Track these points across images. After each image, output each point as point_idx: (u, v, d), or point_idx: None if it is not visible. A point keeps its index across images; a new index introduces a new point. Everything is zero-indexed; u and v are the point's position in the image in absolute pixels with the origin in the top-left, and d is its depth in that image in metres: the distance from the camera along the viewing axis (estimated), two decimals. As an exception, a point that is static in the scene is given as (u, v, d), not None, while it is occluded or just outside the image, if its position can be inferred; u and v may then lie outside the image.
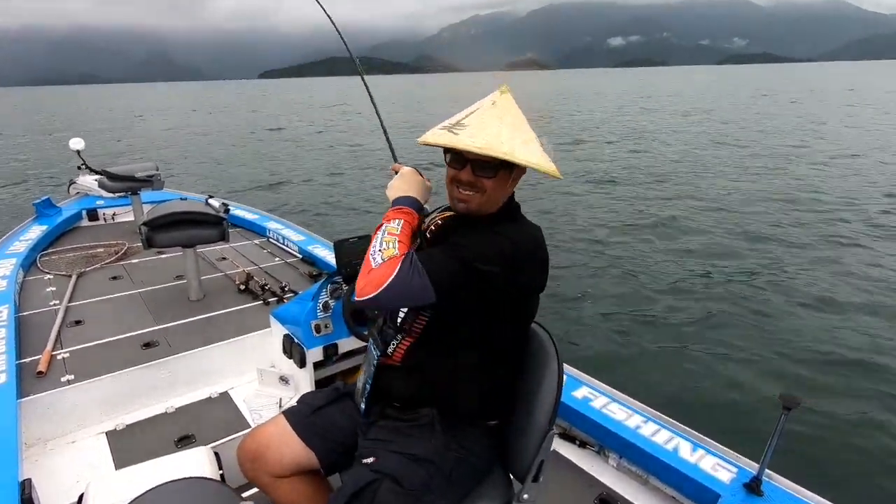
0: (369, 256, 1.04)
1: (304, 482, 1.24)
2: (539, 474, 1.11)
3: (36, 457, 1.77)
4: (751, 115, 23.48)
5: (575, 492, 1.70)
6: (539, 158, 1.08)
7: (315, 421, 1.25)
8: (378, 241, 1.07)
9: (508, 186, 1.14)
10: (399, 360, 1.17)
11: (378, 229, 1.11)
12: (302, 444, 1.22)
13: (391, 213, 1.15)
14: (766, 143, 15.09)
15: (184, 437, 1.86)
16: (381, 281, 0.99)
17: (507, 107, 1.12)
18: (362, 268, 1.04)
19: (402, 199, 1.18)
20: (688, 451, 1.65)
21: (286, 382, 2.12)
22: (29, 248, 3.36)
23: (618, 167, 12.34)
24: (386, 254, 1.03)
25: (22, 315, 2.57)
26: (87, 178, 4.66)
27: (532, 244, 1.12)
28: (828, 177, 10.98)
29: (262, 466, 1.22)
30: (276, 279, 3.14)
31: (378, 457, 1.10)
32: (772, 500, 1.43)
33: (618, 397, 1.92)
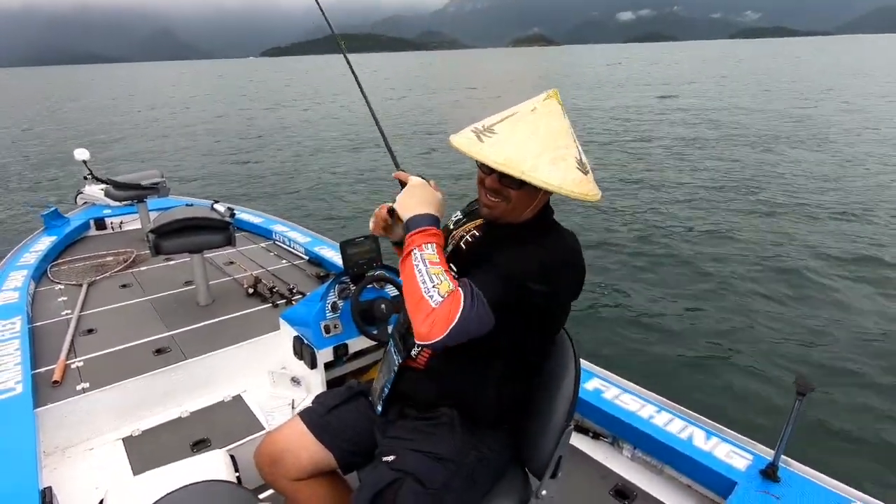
0: (423, 295, 0.93)
1: (323, 483, 1.25)
2: (557, 470, 1.11)
3: (55, 465, 1.79)
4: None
5: (590, 484, 1.70)
6: (564, 181, 0.98)
7: (330, 421, 1.25)
8: (425, 275, 0.95)
9: (539, 197, 1.08)
10: (423, 365, 1.15)
11: (408, 258, 1.00)
12: (319, 444, 1.22)
13: (417, 236, 1.02)
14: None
15: (199, 442, 1.88)
16: (447, 320, 0.91)
17: (547, 115, 1.03)
18: (414, 309, 0.94)
19: (423, 219, 1.05)
20: (702, 440, 1.64)
21: (298, 384, 2.14)
22: (39, 259, 3.40)
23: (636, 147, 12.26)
24: (442, 289, 0.93)
25: (35, 326, 2.60)
26: (94, 187, 4.70)
27: (572, 256, 1.08)
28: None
29: (281, 470, 1.23)
30: (284, 281, 3.15)
31: (398, 455, 1.09)
32: (789, 486, 1.42)
33: (630, 388, 1.91)
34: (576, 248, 1.10)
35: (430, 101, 24.02)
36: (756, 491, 1.42)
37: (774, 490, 1.41)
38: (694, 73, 39.13)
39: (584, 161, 1.04)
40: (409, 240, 1.02)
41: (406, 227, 1.05)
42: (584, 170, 1.03)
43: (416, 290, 0.95)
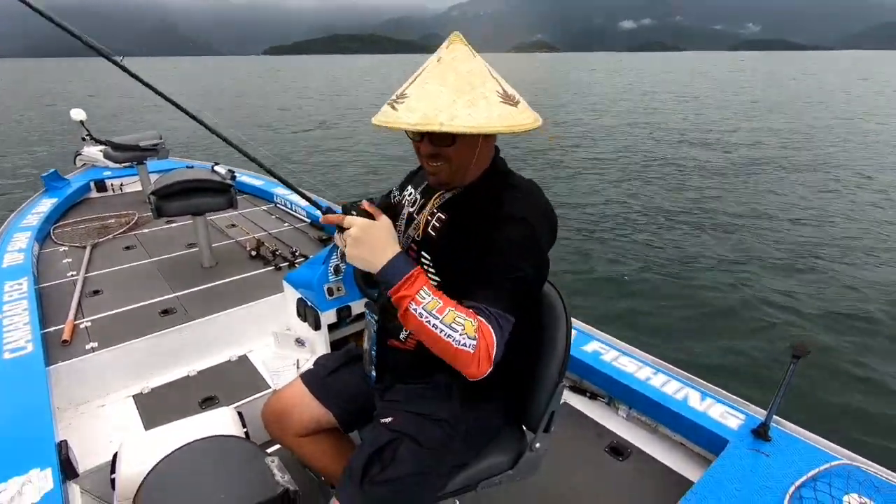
0: (456, 346, 0.89)
1: (326, 439, 1.29)
2: (550, 425, 1.14)
3: (69, 420, 1.85)
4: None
5: (586, 441, 1.75)
6: (489, 119, 0.91)
7: (330, 383, 1.28)
8: (443, 328, 0.89)
9: (480, 147, 1.01)
10: (413, 347, 1.13)
11: (410, 316, 0.91)
12: (320, 404, 1.26)
13: (403, 289, 0.90)
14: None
15: (207, 399, 1.93)
16: (489, 354, 0.90)
17: (453, 61, 0.96)
18: (453, 359, 0.91)
19: (394, 267, 0.93)
20: (696, 401, 1.68)
21: (302, 344, 2.18)
22: (42, 220, 3.40)
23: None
24: (469, 331, 0.89)
25: (41, 287, 2.63)
26: (93, 148, 4.65)
27: (544, 214, 1.03)
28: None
29: (286, 427, 1.27)
30: (286, 244, 3.16)
31: (396, 417, 1.11)
32: (779, 444, 1.47)
33: (628, 350, 1.95)
34: (542, 200, 1.05)
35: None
36: (747, 449, 1.46)
37: (765, 448, 1.46)
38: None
39: (509, 93, 0.96)
40: (396, 297, 0.91)
41: (381, 281, 0.94)
42: (512, 101, 0.95)
43: (446, 345, 0.89)
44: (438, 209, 1.09)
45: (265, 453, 1.24)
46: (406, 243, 1.13)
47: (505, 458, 1.18)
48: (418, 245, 1.09)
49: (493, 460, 1.17)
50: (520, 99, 0.98)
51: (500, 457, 1.18)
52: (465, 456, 1.14)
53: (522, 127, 0.94)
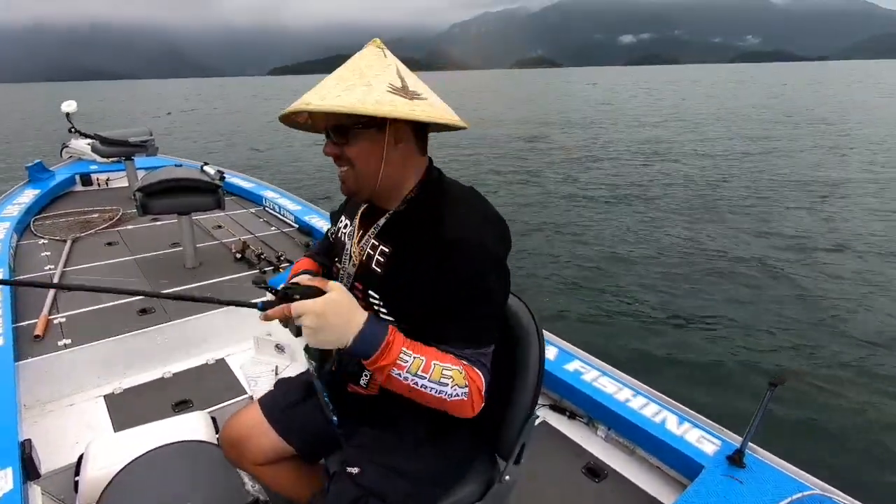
0: (450, 399, 0.87)
1: (286, 467, 1.23)
2: (521, 456, 1.10)
3: (35, 418, 1.80)
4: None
5: (563, 461, 1.74)
6: (363, 101, 0.82)
7: (291, 416, 1.21)
8: (432, 385, 0.85)
9: (388, 150, 0.91)
10: (376, 392, 1.06)
11: (394, 382, 0.86)
12: (279, 437, 1.19)
13: (381, 358, 0.83)
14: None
15: (181, 402, 1.89)
16: (480, 393, 0.90)
17: (356, 59, 0.91)
18: (450, 409, 0.89)
19: (367, 337, 0.84)
20: (674, 424, 1.69)
21: (282, 351, 2.15)
22: (22, 211, 3.33)
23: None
24: (459, 380, 0.87)
25: (17, 279, 2.57)
26: (80, 141, 4.58)
27: (491, 226, 0.95)
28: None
29: (244, 455, 1.21)
30: (272, 248, 3.14)
31: (362, 468, 1.04)
32: (753, 471, 1.48)
33: (609, 371, 1.95)
34: (484, 209, 0.96)
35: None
36: (721, 475, 1.47)
37: (739, 475, 1.47)
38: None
39: (409, 88, 0.88)
40: (374, 367, 0.84)
41: (353, 354, 0.85)
42: (405, 94, 0.86)
43: (439, 401, 0.87)
44: (377, 239, 1.00)
45: (237, 461, 1.21)
46: (348, 282, 1.04)
47: (474, 487, 1.13)
48: (363, 283, 1.00)
49: (462, 491, 1.12)
50: (427, 96, 0.89)
51: (470, 486, 1.13)
52: (433, 497, 1.08)
53: (399, 114, 0.83)
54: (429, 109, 0.87)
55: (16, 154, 13.54)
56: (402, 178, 0.97)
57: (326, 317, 0.81)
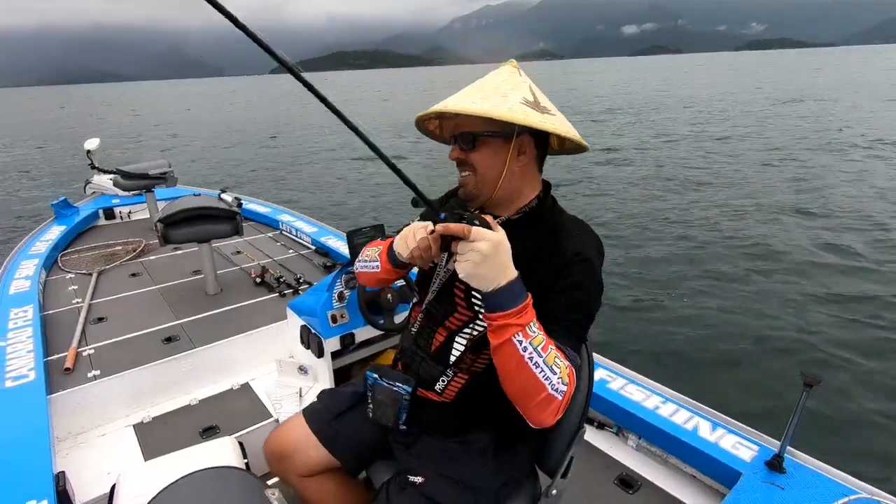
0: (550, 391, 0.81)
1: (330, 481, 1.24)
2: (568, 470, 1.10)
3: (67, 450, 1.83)
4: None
5: (595, 473, 1.71)
6: (494, 107, 0.88)
7: (338, 429, 1.22)
8: (545, 368, 0.81)
9: (510, 161, 0.96)
10: (451, 399, 1.07)
11: (510, 347, 0.81)
12: (325, 450, 1.21)
13: (515, 316, 0.80)
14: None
15: (208, 428, 1.90)
16: (569, 401, 0.85)
17: (493, 75, 0.99)
18: (537, 404, 0.83)
19: (511, 292, 0.80)
20: (707, 431, 1.64)
21: (305, 372, 2.15)
22: (50, 248, 3.43)
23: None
24: (564, 374, 0.83)
25: (46, 314, 2.64)
26: (103, 177, 4.73)
27: (599, 254, 0.98)
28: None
29: (290, 467, 1.23)
30: (291, 271, 3.17)
31: (427, 479, 1.04)
32: (794, 477, 1.43)
33: (636, 379, 1.91)
34: (596, 238, 1.01)
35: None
36: (761, 481, 1.42)
37: (780, 481, 1.42)
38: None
39: (540, 104, 0.94)
40: (503, 323, 0.80)
41: (489, 301, 0.81)
42: (536, 108, 0.93)
43: (539, 388, 0.81)
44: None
45: (266, 485, 1.21)
46: (445, 277, 1.06)
47: (521, 502, 1.13)
48: (465, 284, 0.94)
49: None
50: (555, 114, 0.96)
51: (518, 501, 1.12)
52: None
53: (531, 123, 0.89)
54: (557, 124, 0.94)
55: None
56: (520, 189, 1.01)
57: (497, 251, 0.79)
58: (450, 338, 1.06)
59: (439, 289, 1.08)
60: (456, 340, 1.05)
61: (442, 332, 1.08)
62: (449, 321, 1.06)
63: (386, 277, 1.12)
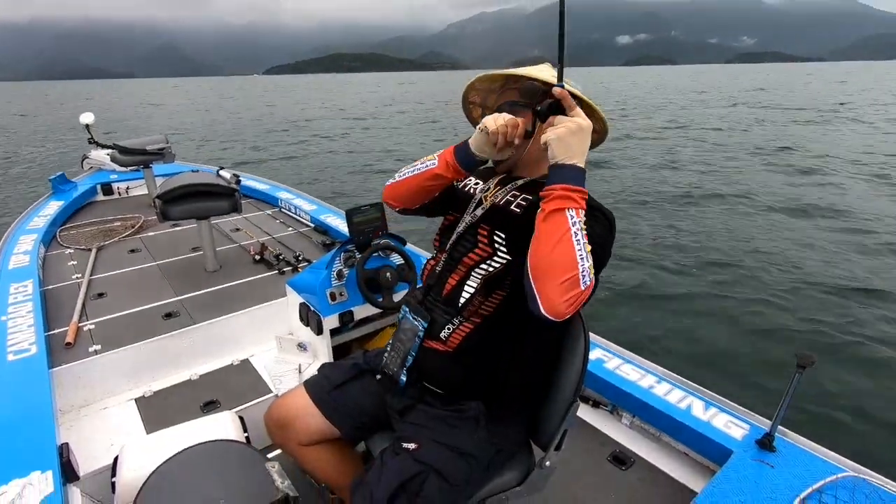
0: (578, 273, 0.85)
1: (329, 449, 1.27)
2: (561, 443, 1.12)
3: (70, 423, 1.85)
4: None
5: (589, 449, 1.74)
6: (546, 78, 1.05)
7: (337, 398, 1.25)
8: (584, 250, 0.86)
9: (538, 129, 1.05)
10: (453, 347, 1.09)
11: (562, 217, 0.88)
12: (325, 419, 1.24)
13: (576, 194, 0.89)
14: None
15: (209, 403, 1.93)
16: (583, 300, 0.87)
17: (538, 66, 1.15)
18: (559, 282, 0.85)
19: (581, 174, 0.91)
20: (700, 410, 1.67)
21: (304, 349, 2.17)
22: (48, 223, 3.42)
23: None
24: (590, 269, 0.87)
25: (46, 289, 2.65)
26: (100, 152, 4.69)
27: (612, 229, 1.03)
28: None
29: (291, 435, 1.26)
30: (290, 249, 3.17)
31: (421, 444, 1.07)
32: (784, 455, 1.45)
33: (631, 358, 1.93)
34: (612, 215, 1.06)
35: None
36: (751, 459, 1.45)
37: (770, 459, 1.44)
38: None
39: (573, 84, 1.09)
40: (566, 193, 0.88)
41: (559, 173, 0.91)
42: (572, 86, 1.05)
43: (572, 262, 0.85)
44: (518, 190, 1.11)
45: (265, 458, 1.23)
46: (474, 221, 1.13)
47: (514, 474, 1.16)
48: (491, 224, 1.10)
49: (502, 478, 1.15)
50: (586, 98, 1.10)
51: (510, 473, 1.16)
52: (483, 482, 1.12)
53: (572, 89, 1.01)
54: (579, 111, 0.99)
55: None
56: (543, 157, 1.03)
57: (586, 134, 0.93)
58: (464, 278, 1.10)
59: (463, 232, 1.14)
60: (469, 280, 1.09)
61: (456, 275, 1.12)
62: (468, 257, 1.10)
63: (440, 173, 1.14)
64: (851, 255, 5.23)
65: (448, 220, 1.23)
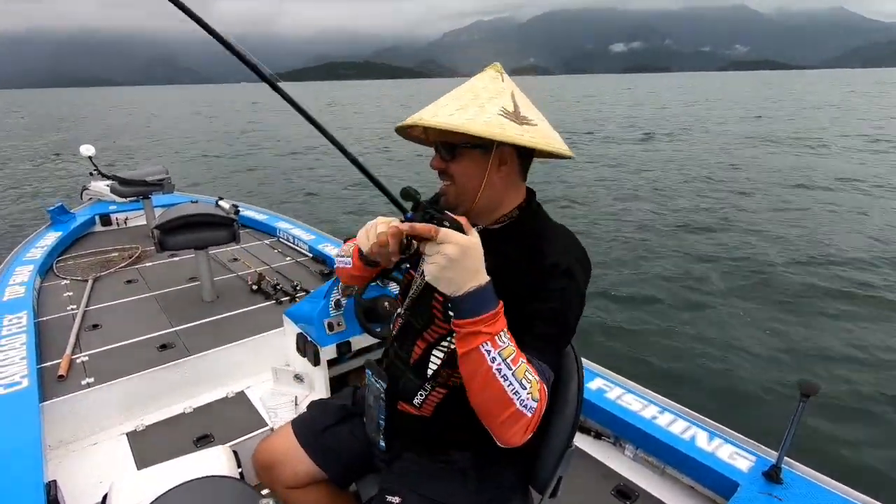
0: (518, 407, 0.78)
1: (318, 492, 1.23)
2: (557, 488, 1.08)
3: (59, 459, 1.81)
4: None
5: (592, 483, 1.69)
6: (469, 122, 0.84)
7: (325, 440, 1.22)
8: (514, 382, 0.77)
9: (490, 172, 0.93)
10: (429, 413, 1.04)
11: (477, 355, 0.77)
12: (312, 462, 1.20)
13: (485, 324, 0.77)
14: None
15: (202, 437, 1.88)
16: (539, 419, 0.81)
17: (474, 80, 0.95)
18: (504, 420, 0.79)
19: (482, 297, 0.78)
20: (705, 441, 1.63)
21: (301, 381, 2.14)
22: (45, 254, 3.42)
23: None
24: (534, 390, 0.79)
25: (41, 320, 2.62)
26: (100, 183, 4.72)
27: (583, 265, 0.94)
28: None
29: (278, 477, 1.22)
30: (288, 278, 3.16)
31: (403, 497, 1.02)
32: (792, 488, 1.42)
33: (633, 388, 1.91)
34: (580, 247, 0.97)
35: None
36: (759, 492, 1.41)
37: (777, 492, 1.41)
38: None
39: (521, 113, 0.90)
40: (471, 330, 0.77)
41: (457, 307, 0.79)
42: (517, 119, 0.88)
43: (506, 403, 0.77)
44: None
45: (260, 495, 1.20)
46: (422, 286, 1.04)
47: None
48: (442, 297, 0.98)
49: None
50: (537, 123, 0.92)
51: None
52: None
53: (506, 138, 0.85)
54: (537, 136, 0.89)
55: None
56: (501, 199, 0.98)
57: (466, 255, 0.76)
58: (427, 350, 1.04)
59: (416, 297, 1.06)
60: (434, 353, 1.03)
61: (420, 345, 1.05)
62: (427, 332, 1.04)
63: (357, 274, 1.12)
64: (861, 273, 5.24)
65: (407, 277, 1.14)
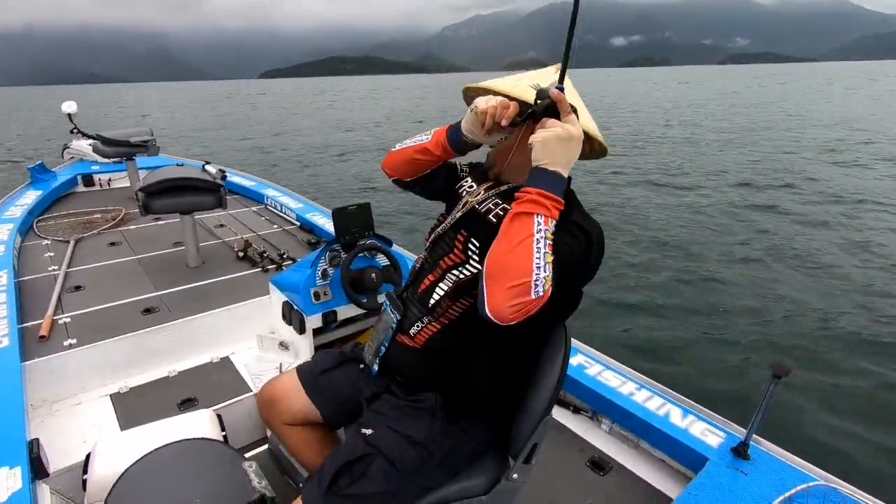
0: (531, 281, 0.83)
1: (312, 432, 1.32)
2: (532, 456, 1.10)
3: (42, 418, 1.81)
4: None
5: (567, 454, 1.75)
6: (523, 91, 1.02)
7: (321, 381, 1.31)
8: (542, 260, 0.84)
9: (520, 139, 1.03)
10: (420, 344, 1.12)
11: (529, 221, 0.86)
12: (309, 400, 1.29)
13: (549, 201, 0.87)
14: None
15: (186, 400, 1.90)
16: (531, 309, 0.84)
17: (538, 70, 1.11)
18: (509, 287, 0.84)
19: (562, 183, 0.89)
20: (678, 417, 1.69)
21: (286, 348, 2.15)
22: (25, 213, 3.34)
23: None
24: (548, 282, 0.84)
25: (21, 280, 2.58)
26: (82, 142, 4.59)
27: (599, 245, 0.99)
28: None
29: (275, 413, 1.31)
30: (275, 246, 3.14)
31: (376, 430, 1.10)
32: (758, 463, 1.48)
33: (612, 365, 1.96)
34: (600, 230, 1.03)
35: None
36: (726, 467, 1.47)
37: (744, 467, 1.47)
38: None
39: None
40: (538, 197, 0.87)
41: (538, 177, 0.89)
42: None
43: (526, 269, 0.83)
44: (500, 198, 1.10)
45: (243, 458, 1.22)
46: (453, 223, 1.13)
47: (480, 481, 1.13)
48: (469, 231, 1.09)
49: (467, 483, 1.13)
50: (581, 112, 1.02)
51: (476, 480, 1.13)
52: (437, 479, 1.11)
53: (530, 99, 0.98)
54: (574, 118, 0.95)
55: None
56: (527, 168, 1.00)
57: (575, 143, 0.91)
58: (438, 279, 1.11)
59: (442, 233, 1.15)
60: (442, 283, 1.10)
61: (433, 275, 1.13)
62: (444, 260, 1.11)
63: (429, 148, 1.15)
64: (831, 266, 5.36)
65: (439, 220, 1.24)
